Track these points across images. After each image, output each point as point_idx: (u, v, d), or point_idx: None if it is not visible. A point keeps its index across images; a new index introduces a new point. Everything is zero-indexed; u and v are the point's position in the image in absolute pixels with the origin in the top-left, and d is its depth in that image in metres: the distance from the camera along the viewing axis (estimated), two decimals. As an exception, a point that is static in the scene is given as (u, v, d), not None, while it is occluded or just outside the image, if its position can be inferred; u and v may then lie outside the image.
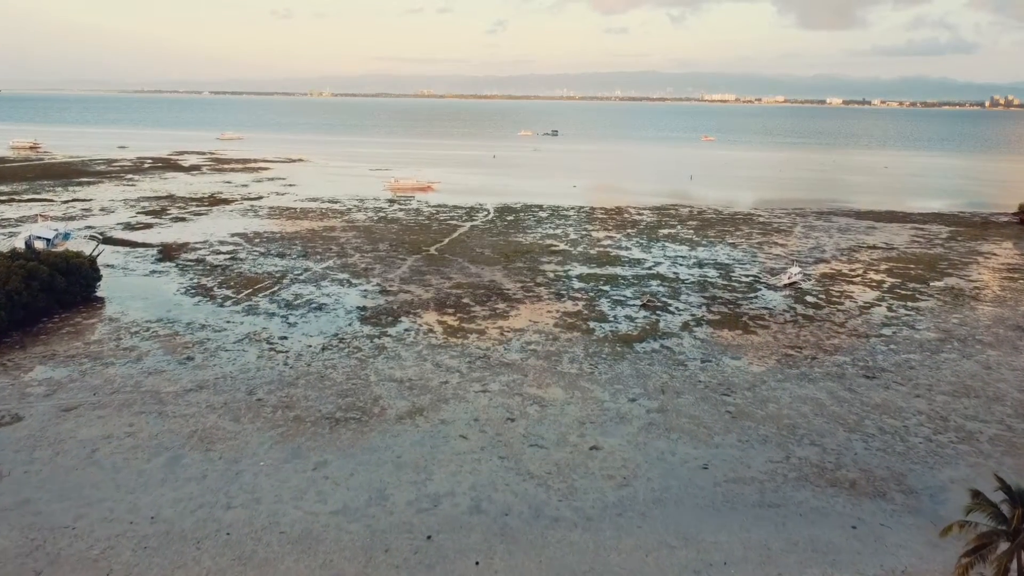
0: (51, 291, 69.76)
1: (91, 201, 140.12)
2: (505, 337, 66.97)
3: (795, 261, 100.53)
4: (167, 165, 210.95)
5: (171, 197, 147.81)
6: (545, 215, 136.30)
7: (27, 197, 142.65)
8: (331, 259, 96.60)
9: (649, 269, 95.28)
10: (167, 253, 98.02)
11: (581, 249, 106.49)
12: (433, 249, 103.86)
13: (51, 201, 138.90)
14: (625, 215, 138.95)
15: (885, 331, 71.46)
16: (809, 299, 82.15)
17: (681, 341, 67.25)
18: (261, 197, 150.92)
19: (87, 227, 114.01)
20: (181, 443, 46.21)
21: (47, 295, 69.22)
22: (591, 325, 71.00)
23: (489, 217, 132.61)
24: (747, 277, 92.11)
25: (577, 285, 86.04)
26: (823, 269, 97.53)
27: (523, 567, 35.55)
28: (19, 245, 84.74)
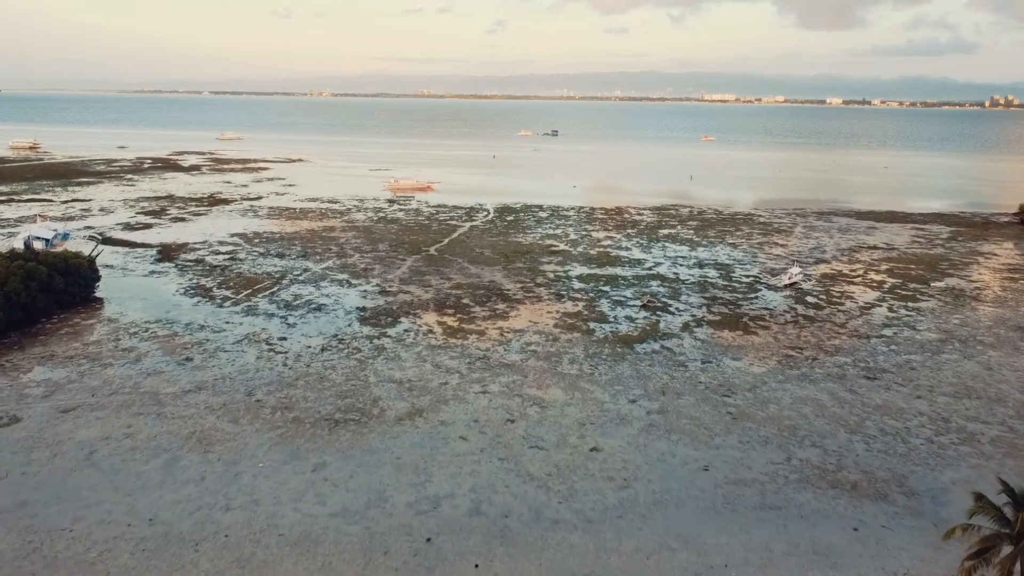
0: (50, 292, 69.57)
1: (90, 201, 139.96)
2: (505, 338, 66.80)
3: (795, 261, 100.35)
4: (167, 165, 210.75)
5: (170, 197, 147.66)
6: (545, 215, 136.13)
7: (26, 197, 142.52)
8: (330, 259, 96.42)
9: (649, 269, 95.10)
10: (166, 253, 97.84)
11: (581, 249, 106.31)
12: (433, 249, 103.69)
13: (50, 201, 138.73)
14: (625, 215, 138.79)
15: (886, 332, 71.29)
16: (810, 299, 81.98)
17: (681, 342, 67.08)
18: (261, 197, 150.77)
19: (86, 227, 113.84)
20: (180, 444, 46.04)
21: (46, 296, 69.03)
22: (591, 326, 70.83)
23: (489, 217, 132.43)
24: (747, 277, 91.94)
25: (577, 285, 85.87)
26: (824, 269, 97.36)
27: (523, 570, 35.38)
28: (18, 245, 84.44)
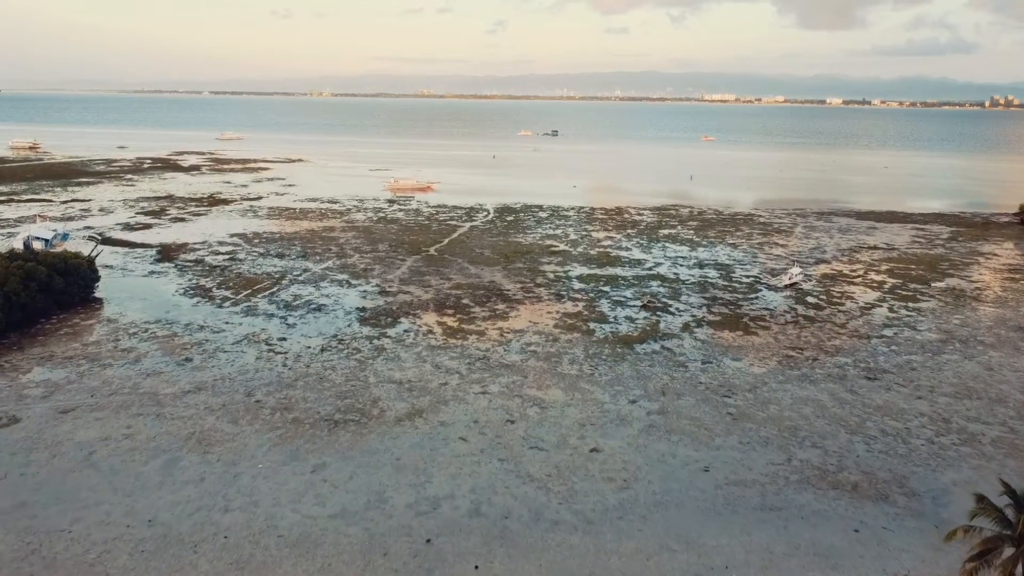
0: (49, 292, 69.47)
1: (90, 201, 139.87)
2: (505, 338, 66.70)
3: (796, 262, 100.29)
4: (166, 165, 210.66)
5: (170, 197, 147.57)
6: (545, 215, 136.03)
7: (26, 197, 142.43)
8: (330, 260, 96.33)
9: (649, 270, 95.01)
10: (166, 254, 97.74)
11: (581, 250, 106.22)
12: (433, 250, 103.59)
13: (50, 201, 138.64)
14: (625, 215, 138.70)
15: (886, 332, 71.19)
16: (810, 300, 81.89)
17: (682, 342, 66.98)
18: (260, 197, 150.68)
19: (86, 227, 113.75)
20: (179, 445, 45.94)
21: (45, 296, 68.92)
22: (591, 326, 70.73)
23: (489, 217, 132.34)
24: (748, 278, 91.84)
25: (577, 286, 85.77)
26: (824, 270, 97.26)
27: (523, 571, 35.28)
28: (17, 246, 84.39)
